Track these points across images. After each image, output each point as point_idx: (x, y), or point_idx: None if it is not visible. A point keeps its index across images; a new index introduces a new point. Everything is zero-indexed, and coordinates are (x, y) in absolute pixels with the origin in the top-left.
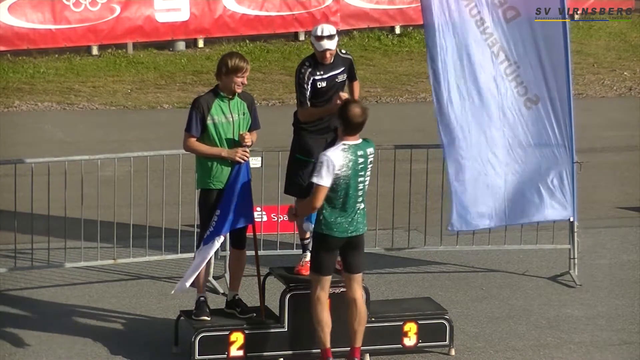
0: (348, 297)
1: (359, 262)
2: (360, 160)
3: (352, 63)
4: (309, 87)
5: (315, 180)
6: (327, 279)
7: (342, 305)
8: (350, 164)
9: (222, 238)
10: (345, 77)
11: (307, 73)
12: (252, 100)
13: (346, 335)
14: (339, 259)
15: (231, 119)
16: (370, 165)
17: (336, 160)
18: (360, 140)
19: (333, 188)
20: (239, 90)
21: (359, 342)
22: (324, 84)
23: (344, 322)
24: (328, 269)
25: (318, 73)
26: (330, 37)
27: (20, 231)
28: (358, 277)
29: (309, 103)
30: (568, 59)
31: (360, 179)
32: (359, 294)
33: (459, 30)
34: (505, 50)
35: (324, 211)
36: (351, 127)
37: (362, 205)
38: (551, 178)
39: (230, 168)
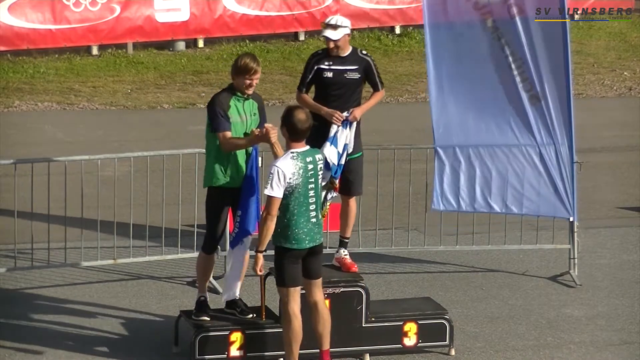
0: (308, 301)
1: (318, 268)
2: (310, 167)
3: (369, 66)
4: (310, 73)
5: (266, 192)
6: (297, 290)
7: (341, 305)
8: (301, 171)
9: (250, 237)
10: (358, 76)
11: (314, 60)
12: (262, 101)
13: (346, 334)
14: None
15: (245, 120)
16: (321, 172)
17: (286, 169)
18: (307, 147)
19: (286, 197)
20: (249, 92)
21: (326, 345)
22: (330, 74)
23: (342, 322)
24: (295, 280)
25: (326, 63)
26: (333, 26)
27: (20, 231)
28: (318, 282)
29: (305, 89)
30: (568, 59)
31: (311, 185)
32: (319, 297)
33: (462, 25)
34: (511, 45)
35: (280, 223)
36: (297, 133)
37: (318, 215)
38: (552, 176)
39: (244, 166)
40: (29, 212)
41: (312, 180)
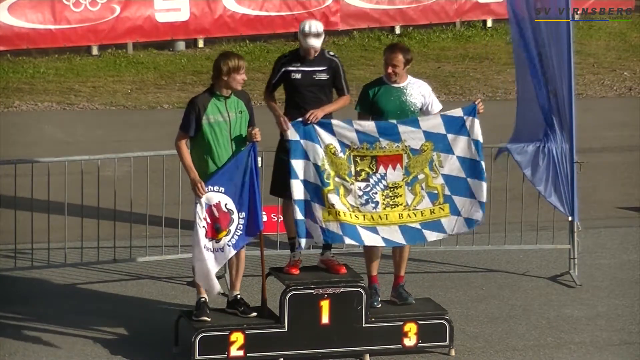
0: None
1: None
2: None
3: (337, 67)
4: (277, 75)
5: None
6: None
7: (341, 305)
8: None
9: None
10: (326, 77)
11: (281, 63)
12: (249, 97)
13: (346, 334)
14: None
15: (228, 118)
16: None
17: None
18: None
19: None
20: (240, 88)
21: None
22: (298, 76)
23: (342, 322)
24: None
25: (294, 65)
26: (317, 35)
27: (20, 231)
28: None
29: (271, 90)
30: (571, 59)
31: None
32: None
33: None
34: (537, 38)
35: None
36: None
37: None
38: (559, 174)
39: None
40: (29, 212)
41: None
